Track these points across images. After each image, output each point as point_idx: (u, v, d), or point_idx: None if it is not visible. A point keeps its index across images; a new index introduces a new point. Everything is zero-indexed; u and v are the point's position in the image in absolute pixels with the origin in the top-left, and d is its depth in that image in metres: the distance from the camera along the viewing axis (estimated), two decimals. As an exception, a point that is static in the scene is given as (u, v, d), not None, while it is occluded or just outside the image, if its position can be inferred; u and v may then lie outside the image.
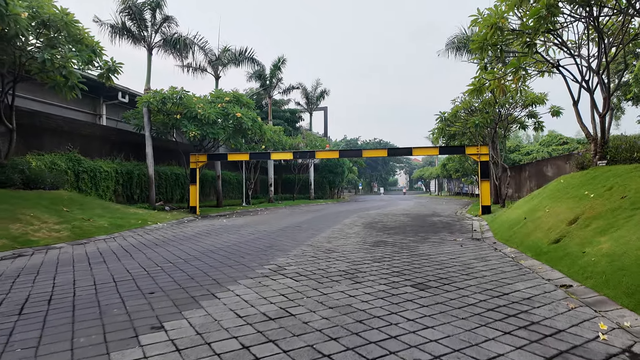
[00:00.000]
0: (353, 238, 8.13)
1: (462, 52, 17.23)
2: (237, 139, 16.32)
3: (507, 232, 7.59)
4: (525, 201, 9.35)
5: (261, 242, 7.61)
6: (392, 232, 9.11)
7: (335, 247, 6.92)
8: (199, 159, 15.30)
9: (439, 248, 6.74)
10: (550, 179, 13.25)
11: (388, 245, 7.14)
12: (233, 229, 10.04)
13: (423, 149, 13.82)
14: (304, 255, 6.07)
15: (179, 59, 16.29)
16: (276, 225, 10.91)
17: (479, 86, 9.37)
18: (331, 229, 10.02)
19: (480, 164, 13.21)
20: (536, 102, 12.87)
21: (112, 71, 10.06)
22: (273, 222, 11.94)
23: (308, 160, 27.80)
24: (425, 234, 8.72)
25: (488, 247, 6.79)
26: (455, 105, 14.67)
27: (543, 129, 14.45)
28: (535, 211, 7.44)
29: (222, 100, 15.76)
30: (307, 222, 12.08)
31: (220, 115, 14.95)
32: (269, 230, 9.63)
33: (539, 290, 3.99)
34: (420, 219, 13.00)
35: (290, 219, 13.38)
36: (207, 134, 14.48)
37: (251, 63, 20.64)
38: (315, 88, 29.51)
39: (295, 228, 10.19)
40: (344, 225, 10.83)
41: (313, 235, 8.67)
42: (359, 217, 13.81)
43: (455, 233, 8.93)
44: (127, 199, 15.49)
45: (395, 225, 10.75)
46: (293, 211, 17.87)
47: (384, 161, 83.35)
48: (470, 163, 25.95)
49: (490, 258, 5.78)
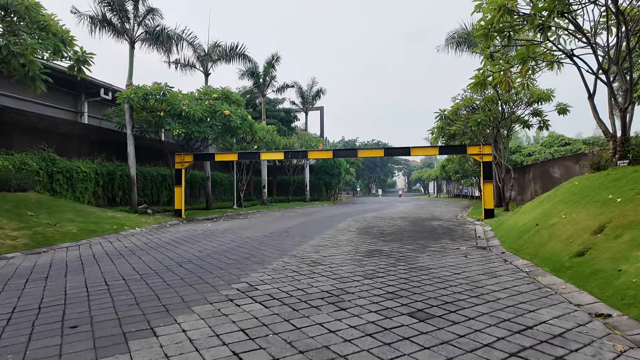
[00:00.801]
0: (345, 246, 7.28)
1: (462, 48, 16.45)
2: (226, 138, 15.47)
3: (516, 240, 6.75)
4: (534, 205, 8.53)
5: (240, 251, 6.75)
6: (389, 239, 8.27)
7: (322, 258, 6.07)
8: (184, 159, 14.44)
9: (441, 259, 5.90)
10: (558, 180, 12.45)
11: (383, 255, 6.29)
12: (214, 235, 9.18)
13: (422, 149, 13.01)
14: (285, 269, 5.22)
15: (165, 53, 15.46)
16: (262, 231, 10.06)
17: (483, 79, 8.56)
18: (322, 235, 9.17)
19: (482, 165, 12.40)
20: (542, 99, 12.07)
21: (82, 62, 9.21)
22: (260, 227, 11.09)
23: (303, 161, 26.94)
24: (424, 241, 7.89)
25: (496, 259, 5.95)
26: (455, 102, 13.87)
27: (548, 128, 13.66)
28: (548, 217, 6.62)
29: (210, 97, 14.91)
30: (298, 226, 11.23)
31: (207, 112, 14.10)
32: (253, 237, 8.78)
33: (570, 321, 3.15)
34: (419, 223, 12.17)
35: (280, 223, 12.52)
36: (193, 132, 13.63)
37: (243, 60, 19.81)
38: (311, 87, 28.69)
39: (282, 234, 9.34)
40: (337, 231, 9.98)
41: (300, 242, 7.82)
42: (354, 221, 12.97)
43: (457, 240, 8.10)
44: (109, 201, 14.61)
45: (392, 231, 9.91)
46: (285, 214, 17.02)
47: (382, 163, 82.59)
48: (471, 164, 25.17)
49: (501, 273, 4.95)
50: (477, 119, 12.33)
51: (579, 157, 10.67)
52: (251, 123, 15.44)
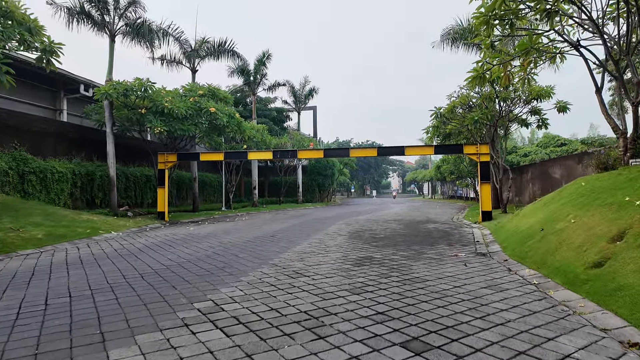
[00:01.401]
0: (333, 253, 6.66)
1: (457, 44, 15.92)
2: (213, 137, 14.79)
3: (519, 246, 6.17)
4: (536, 208, 7.97)
5: (216, 260, 6.09)
6: (381, 244, 7.66)
7: (306, 267, 5.43)
8: (167, 158, 13.73)
9: (438, 268, 5.30)
10: (558, 181, 11.95)
11: (374, 263, 5.68)
12: (193, 241, 8.51)
13: (417, 148, 12.44)
14: (261, 281, 4.58)
15: (148, 48, 14.74)
16: (247, 235, 9.40)
17: (482, 73, 7.98)
18: (310, 239, 8.54)
19: (479, 165, 11.85)
20: (542, 96, 11.56)
21: (50, 53, 8.49)
22: (245, 231, 10.43)
23: (295, 162, 26.29)
24: (419, 247, 7.29)
25: (499, 267, 5.37)
26: (451, 100, 13.31)
27: (547, 127, 13.16)
28: (555, 221, 6.05)
29: (195, 94, 14.22)
30: (286, 230, 10.59)
31: (191, 110, 13.41)
32: (235, 242, 8.12)
33: (600, 354, 2.56)
34: (414, 226, 11.59)
35: (268, 226, 11.87)
36: (176, 130, 12.93)
37: (232, 56, 19.12)
38: (304, 86, 28.04)
39: (267, 239, 8.69)
40: (326, 235, 9.35)
41: (285, 249, 7.17)
42: (346, 224, 12.35)
43: (455, 245, 7.51)
44: (87, 203, 13.85)
45: (386, 235, 9.30)
46: (275, 216, 16.35)
47: (377, 164, 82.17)
48: (466, 165, 24.70)
49: (507, 286, 4.35)
50: (474, 116, 11.78)
51: (581, 157, 10.16)
52: (239, 121, 14.77)
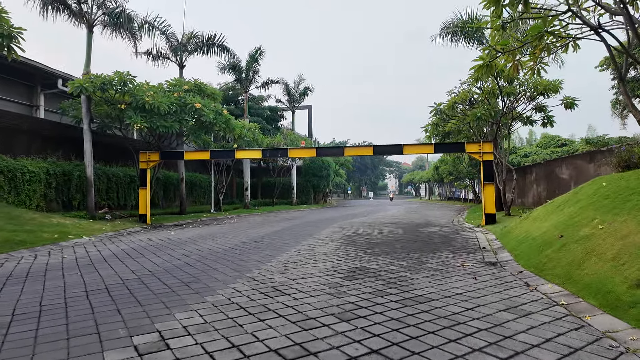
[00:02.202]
0: (322, 263, 5.84)
1: (458, 38, 15.19)
2: (199, 135, 13.94)
3: (535, 255, 5.38)
4: (549, 211, 7.19)
5: (185, 272, 5.26)
6: (377, 252, 6.85)
7: (289, 282, 4.61)
8: (150, 157, 12.87)
9: (443, 283, 4.50)
10: (566, 182, 11.21)
11: (369, 276, 4.87)
12: (169, 247, 7.66)
13: (415, 147, 11.66)
14: (230, 302, 3.75)
15: (130, 40, 13.87)
16: (230, 241, 8.57)
17: (489, 61, 7.20)
18: (299, 246, 7.72)
19: (482, 165, 11.09)
20: (549, 91, 10.82)
21: (10, 38, 7.63)
22: (230, 235, 9.59)
23: (289, 162, 25.46)
24: (420, 255, 6.49)
25: (514, 281, 4.58)
26: (452, 96, 12.56)
27: (553, 125, 12.42)
28: (576, 226, 5.27)
29: (180, 89, 13.38)
30: (274, 235, 9.77)
31: (175, 105, 12.56)
32: (215, 249, 7.29)
33: None
34: (412, 229, 10.80)
35: (256, 230, 11.04)
36: (158, 127, 12.08)
37: (222, 52, 18.28)
38: (298, 84, 27.22)
39: (252, 245, 7.86)
40: (317, 241, 8.53)
41: (268, 258, 6.35)
42: (340, 228, 11.54)
43: (459, 252, 6.72)
44: (64, 205, 12.96)
45: (382, 240, 8.50)
46: (266, 219, 15.52)
47: (373, 165, 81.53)
48: (465, 165, 23.98)
49: (530, 307, 3.56)
50: (477, 113, 11.03)
51: (593, 155, 9.42)
52: (227, 118, 13.93)
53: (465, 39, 15.08)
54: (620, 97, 20.26)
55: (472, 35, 14.78)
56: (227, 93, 25.26)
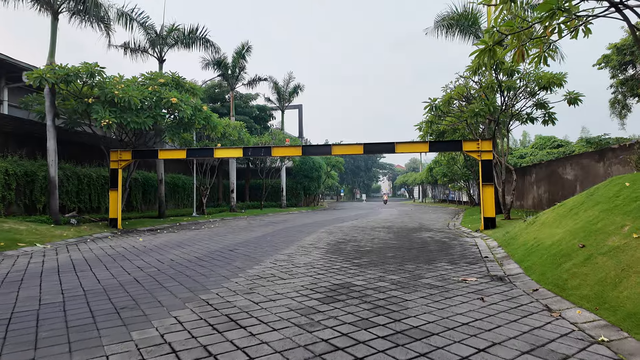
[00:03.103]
0: (299, 278, 4.91)
1: (453, 31, 14.40)
2: (177, 133, 12.94)
3: (551, 269, 4.51)
4: (559, 215, 6.35)
5: (129, 291, 4.29)
6: (366, 262, 5.94)
7: (251, 307, 3.68)
8: (121, 156, 11.84)
9: (444, 306, 3.60)
10: (571, 183, 10.42)
11: (353, 297, 3.95)
12: (127, 258, 6.67)
13: (409, 145, 10.80)
14: (161, 342, 2.80)
15: (102, 30, 12.83)
16: (201, 249, 7.60)
17: (492, 45, 6.35)
18: (277, 255, 6.78)
19: (481, 164, 10.26)
20: (553, 84, 10.03)
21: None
22: (204, 243, 8.62)
23: (278, 163, 24.50)
24: (414, 265, 5.59)
25: (530, 303, 3.70)
26: (448, 91, 11.73)
27: (555, 123, 11.65)
28: (600, 235, 4.41)
29: (156, 82, 12.39)
30: (253, 242, 8.82)
31: (149, 100, 11.57)
32: (179, 260, 6.32)
33: None
34: (406, 235, 9.92)
35: (235, 236, 10.07)
36: (129, 123, 11.06)
37: (205, 45, 17.28)
38: (288, 82, 26.26)
39: (224, 255, 6.90)
40: (300, 249, 7.60)
41: (237, 271, 5.40)
42: (328, 233, 10.62)
43: (459, 263, 5.83)
44: (26, 209, 11.86)
45: (372, 248, 7.59)
46: (250, 223, 14.55)
47: (367, 167, 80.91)
48: (460, 167, 23.23)
49: (560, 346, 2.68)
50: (475, 108, 10.21)
51: (603, 153, 8.64)
52: (208, 115, 12.95)
53: (461, 33, 14.30)
54: (619, 96, 19.70)
55: (468, 29, 14.01)
56: (213, 91, 24.28)
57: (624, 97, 19.12)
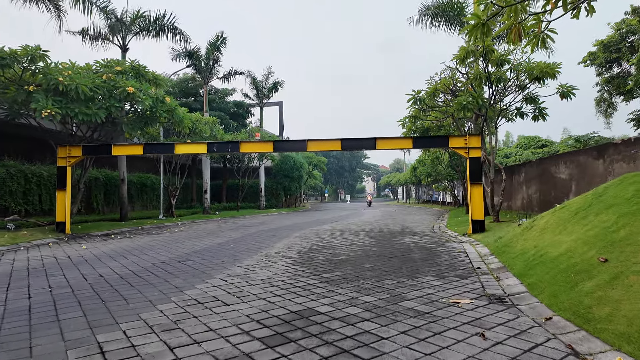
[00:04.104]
0: (247, 303, 3.84)
1: (438, 21, 13.57)
2: (136, 127, 11.65)
3: (564, 288, 3.58)
4: (563, 218, 5.47)
5: (9, 330, 3.13)
6: (337, 276, 4.91)
7: (164, 355, 2.58)
8: (70, 152, 10.50)
9: (434, 349, 2.60)
10: (565, 183, 9.67)
11: (309, 335, 2.92)
12: (48, 272, 5.46)
13: (392, 141, 9.84)
14: None
15: (51, 11, 11.44)
16: (146, 260, 6.43)
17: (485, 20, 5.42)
18: (233, 268, 5.68)
19: (469, 162, 9.40)
20: (547, 75, 9.23)
21: None
22: (152, 252, 7.44)
23: (256, 162, 23.29)
24: (395, 281, 4.59)
25: (547, 342, 2.74)
26: (433, 83, 10.83)
27: (545, 119, 10.91)
28: (626, 245, 3.51)
29: (112, 70, 11.08)
30: (212, 249, 7.69)
31: (102, 89, 10.28)
32: (108, 275, 5.15)
33: None
34: (388, 240, 8.95)
35: (194, 242, 8.91)
36: (76, 114, 9.75)
37: (173, 34, 15.97)
38: (267, 77, 25.07)
39: (167, 268, 5.76)
40: (263, 258, 6.52)
41: (172, 293, 4.29)
42: (302, 238, 9.57)
43: (448, 277, 4.87)
44: (-42, 211, 10.37)
45: (348, 256, 6.57)
46: (220, 227, 13.36)
47: (351, 167, 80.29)
48: (444, 166, 22.54)
49: None
50: (462, 101, 9.33)
51: (603, 150, 7.89)
52: (171, 107, 11.70)
53: (447, 23, 13.49)
54: (604, 94, 19.32)
55: (454, 19, 13.20)
56: (186, 85, 22.89)
57: (609, 95, 18.75)
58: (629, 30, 17.52)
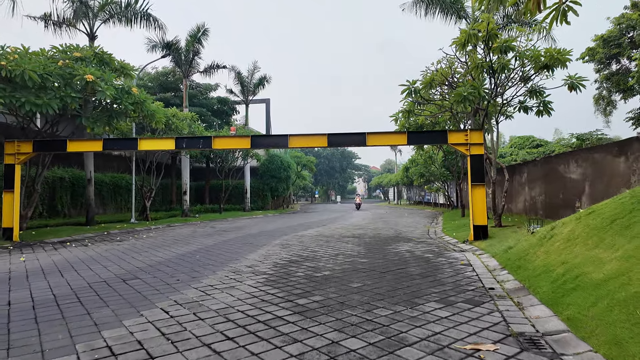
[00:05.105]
0: (180, 355, 2.70)
1: (433, 10, 12.57)
2: (100, 120, 10.39)
3: (632, 334, 2.51)
4: (596, 227, 4.45)
5: None
6: (317, 303, 3.82)
7: None
8: (19, 149, 9.22)
9: None
10: (577, 183, 8.71)
11: None
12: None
13: (384, 136, 8.78)
14: None
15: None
16: (79, 280, 5.25)
17: (501, -17, 4.39)
18: (185, 290, 4.54)
19: (470, 160, 8.39)
20: (558, 62, 8.26)
21: None
22: (102, 264, 6.24)
23: (240, 161, 22.07)
24: (390, 312, 3.51)
25: None
26: (431, 72, 9.79)
27: (550, 113, 9.98)
28: None
29: (69, 57, 9.83)
30: (172, 262, 6.52)
31: (56, 76, 9.03)
32: (18, 305, 3.96)
33: None
34: (380, 247, 7.87)
35: (158, 252, 7.72)
36: (23, 104, 8.48)
37: (147, 22, 14.70)
38: (253, 72, 23.84)
39: (104, 289, 4.60)
40: (230, 275, 5.38)
41: (78, 336, 3.13)
42: (282, 246, 8.43)
43: (456, 304, 3.81)
44: None
45: (333, 271, 5.47)
46: (195, 232, 12.16)
47: (342, 168, 79.35)
48: (438, 166, 21.61)
49: None
50: (462, 92, 8.32)
51: (625, 146, 6.94)
52: (139, 100, 10.45)
53: (442, 12, 12.51)
54: (603, 92, 18.61)
55: (450, 7, 12.23)
56: (165, 79, 21.58)
57: (609, 93, 18.02)
58: (629, 25, 16.81)
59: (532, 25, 11.83)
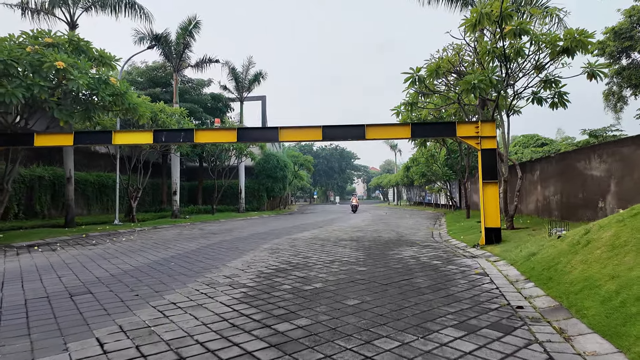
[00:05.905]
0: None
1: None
2: (79, 114, 9.52)
3: None
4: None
5: None
6: (302, 330, 2.93)
7: None
8: (-18, 143, 8.34)
9: None
10: (601, 181, 7.84)
11: None
12: None
13: (385, 128, 7.91)
14: None
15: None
16: (13, 297, 4.37)
17: None
18: (140, 311, 3.66)
19: (481, 155, 7.53)
20: (580, 44, 7.39)
21: None
22: (47, 278, 5.37)
23: (234, 160, 21.19)
24: (397, 344, 2.63)
25: None
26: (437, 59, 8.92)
27: (566, 106, 9.13)
28: None
29: (40, 42, 8.96)
30: (143, 270, 5.65)
31: (24, 64, 8.16)
32: None
33: None
34: (380, 252, 7.00)
35: (131, 258, 6.85)
36: (-16, 93, 7.61)
37: (132, 10, 13.82)
38: (248, 68, 22.98)
39: (35, 313, 3.74)
40: (203, 288, 4.50)
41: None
42: (271, 251, 7.55)
43: (479, 329, 2.93)
44: None
45: (325, 284, 4.59)
46: (181, 235, 11.29)
47: (341, 168, 78.51)
48: (440, 165, 20.74)
49: None
50: (472, 80, 7.46)
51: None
52: (119, 91, 9.57)
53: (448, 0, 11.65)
54: (614, 87, 17.75)
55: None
56: (155, 73, 20.71)
57: (619, 88, 17.17)
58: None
59: (542, 9, 10.96)
